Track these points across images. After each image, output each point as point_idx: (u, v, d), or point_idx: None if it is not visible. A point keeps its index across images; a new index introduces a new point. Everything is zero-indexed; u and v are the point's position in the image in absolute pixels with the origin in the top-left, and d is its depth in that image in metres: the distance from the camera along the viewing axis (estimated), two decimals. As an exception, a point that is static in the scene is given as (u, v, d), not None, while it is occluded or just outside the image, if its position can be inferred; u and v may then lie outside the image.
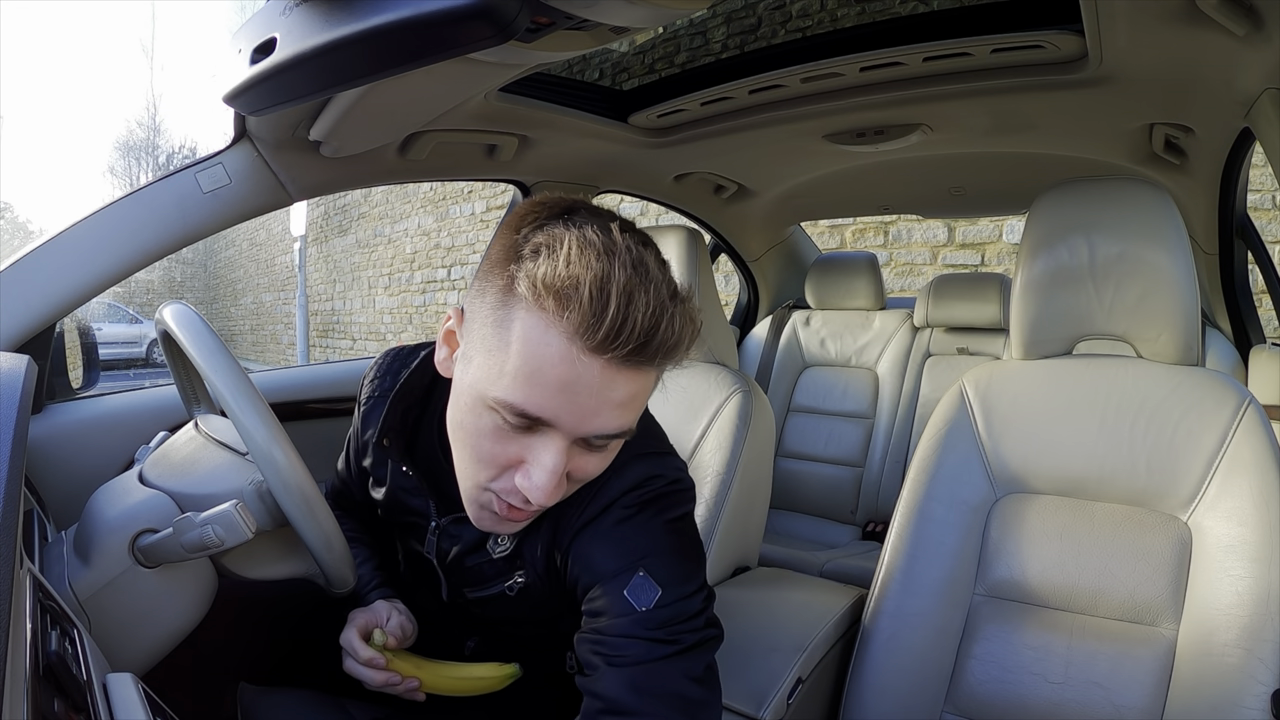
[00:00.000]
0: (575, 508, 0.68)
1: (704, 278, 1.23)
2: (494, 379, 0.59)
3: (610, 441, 0.62)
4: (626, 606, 0.63)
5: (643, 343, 0.55)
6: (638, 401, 0.60)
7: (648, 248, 0.59)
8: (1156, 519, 0.84)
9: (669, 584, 0.64)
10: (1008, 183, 1.76)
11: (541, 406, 0.57)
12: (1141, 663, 0.80)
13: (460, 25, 0.51)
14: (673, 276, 0.60)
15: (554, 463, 0.59)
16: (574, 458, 0.61)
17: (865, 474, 2.05)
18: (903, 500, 0.97)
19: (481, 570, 0.77)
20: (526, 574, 0.74)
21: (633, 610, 0.63)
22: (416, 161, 1.22)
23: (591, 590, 0.67)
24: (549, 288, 0.54)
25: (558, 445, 0.59)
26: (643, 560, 0.65)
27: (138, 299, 17.41)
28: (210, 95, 16.21)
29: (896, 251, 3.96)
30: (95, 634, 0.64)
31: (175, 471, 0.78)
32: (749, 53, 1.19)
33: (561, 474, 0.60)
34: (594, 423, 0.58)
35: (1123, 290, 0.90)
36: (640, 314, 0.54)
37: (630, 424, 0.61)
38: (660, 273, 0.58)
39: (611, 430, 0.60)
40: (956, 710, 0.88)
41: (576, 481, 0.65)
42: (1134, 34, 0.91)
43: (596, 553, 0.67)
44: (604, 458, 0.64)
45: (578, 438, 0.60)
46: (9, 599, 0.37)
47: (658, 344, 0.56)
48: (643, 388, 0.60)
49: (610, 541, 0.67)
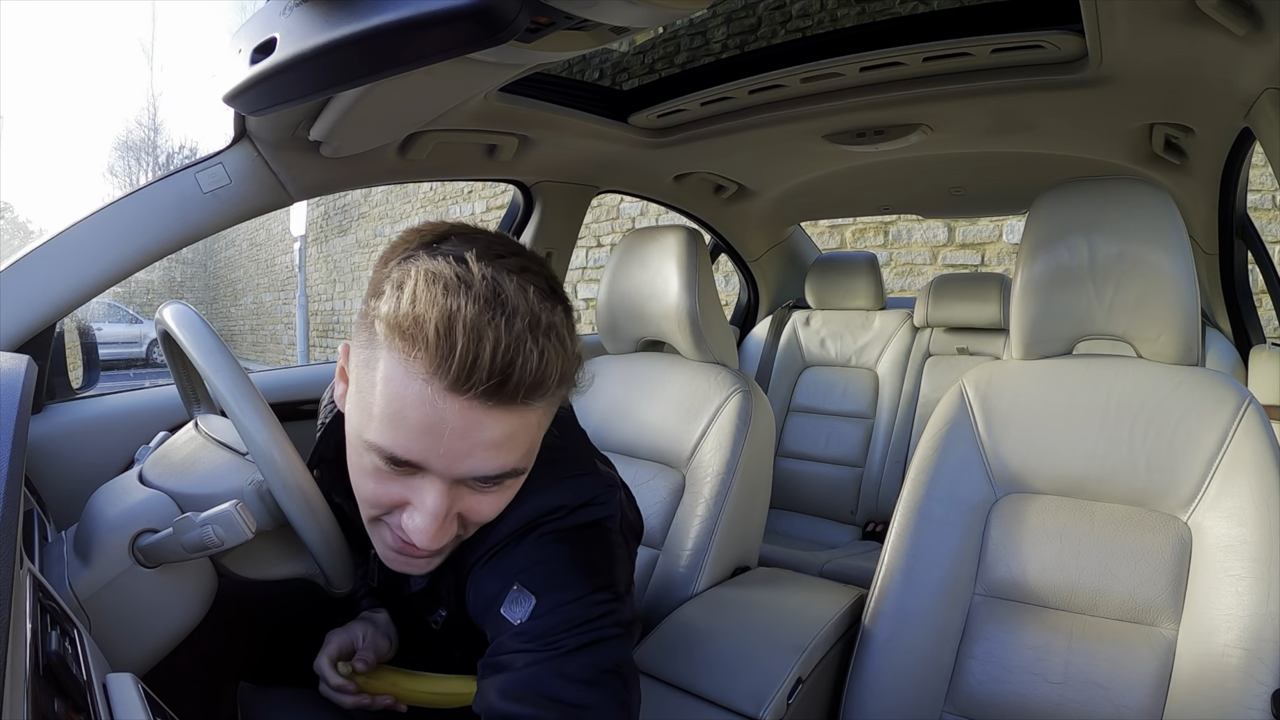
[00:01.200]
0: (472, 545, 0.65)
1: (704, 278, 1.23)
2: (365, 421, 0.57)
3: (500, 481, 0.58)
4: (503, 624, 0.61)
5: (500, 380, 0.51)
6: (517, 440, 0.56)
7: (512, 275, 0.54)
8: (1156, 519, 0.84)
9: (545, 592, 0.61)
10: (1008, 183, 1.77)
11: (408, 449, 0.54)
12: (1141, 663, 0.80)
13: (460, 25, 0.51)
14: (537, 305, 0.54)
15: (434, 505, 0.57)
16: (462, 499, 0.59)
17: (865, 474, 2.05)
18: (903, 500, 0.97)
19: (410, 603, 0.76)
20: (446, 608, 0.72)
21: (509, 625, 0.60)
22: (416, 161, 1.22)
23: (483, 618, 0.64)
24: (395, 327, 0.52)
25: (437, 488, 0.57)
26: (519, 575, 0.62)
27: (138, 299, 17.41)
28: (210, 95, 16.21)
29: (896, 251, 3.96)
30: (95, 634, 0.64)
31: (175, 471, 0.78)
32: (749, 53, 1.19)
33: (444, 516, 0.58)
34: (466, 464, 0.55)
35: (1123, 290, 0.90)
36: (490, 350, 0.50)
37: (513, 464, 0.57)
38: (521, 302, 0.53)
39: (488, 472, 0.56)
40: (956, 710, 0.88)
41: (473, 524, 0.62)
42: (1134, 34, 0.91)
43: (484, 580, 0.65)
44: (498, 497, 0.60)
45: (455, 479, 0.57)
46: (9, 599, 0.37)
47: (516, 381, 0.52)
48: (519, 426, 0.56)
49: (492, 566, 0.64)
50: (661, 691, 0.83)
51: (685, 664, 0.85)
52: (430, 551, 0.62)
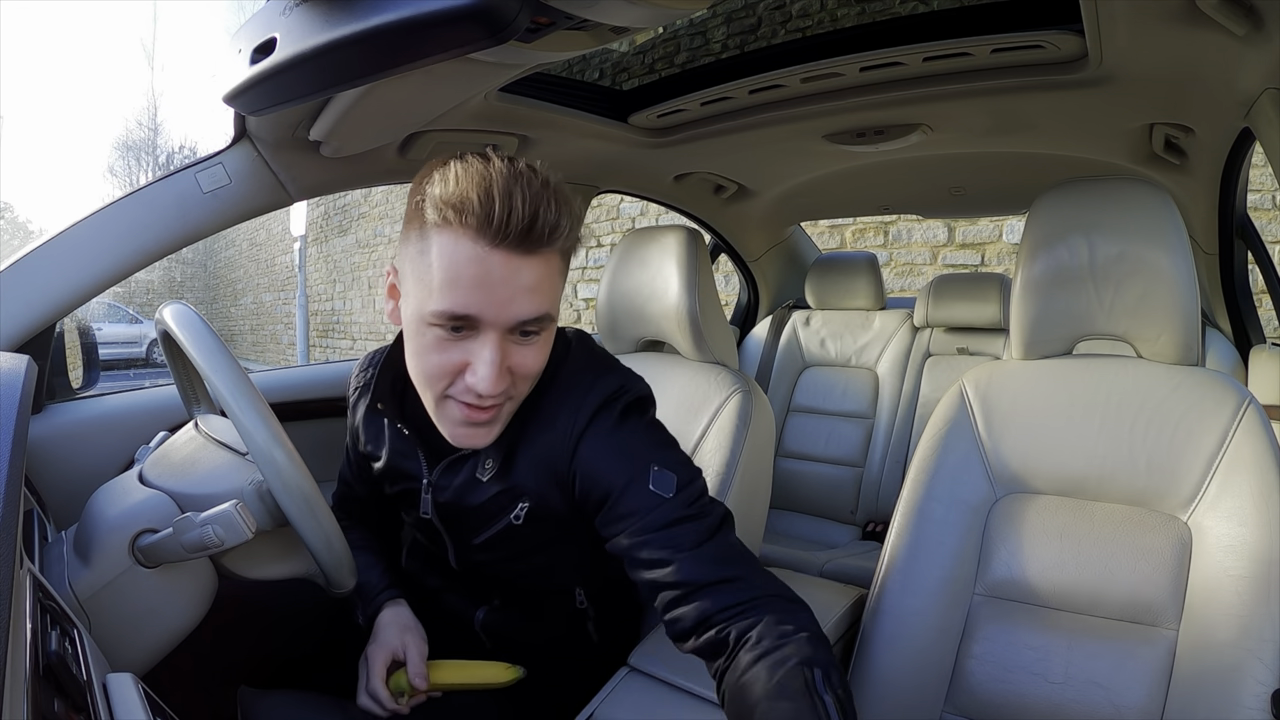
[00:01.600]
0: (563, 421, 0.76)
1: (704, 278, 1.23)
2: (426, 297, 0.68)
3: (536, 331, 0.70)
4: (656, 499, 0.71)
5: (528, 226, 0.64)
6: (545, 286, 0.69)
7: (521, 160, 0.69)
8: (1156, 519, 0.84)
9: (678, 468, 0.74)
10: (1008, 183, 1.76)
11: (466, 304, 0.66)
12: (1141, 663, 0.80)
13: (460, 25, 0.51)
14: (546, 175, 0.68)
15: (492, 354, 0.68)
16: (510, 353, 0.70)
17: (865, 474, 2.05)
18: (903, 500, 0.97)
19: (484, 509, 0.81)
20: (529, 499, 0.79)
21: (663, 499, 0.71)
22: (416, 161, 1.21)
23: (609, 500, 0.74)
24: (447, 203, 0.65)
25: (492, 340, 0.68)
26: (650, 458, 0.74)
27: (138, 299, 17.41)
28: (210, 95, 16.21)
29: (896, 251, 3.96)
30: (95, 634, 0.64)
31: (175, 471, 0.78)
32: (749, 53, 1.19)
33: (501, 365, 0.69)
34: (511, 309, 0.67)
35: (1123, 290, 0.90)
36: (519, 204, 0.64)
37: (545, 309, 0.69)
38: (530, 172, 0.67)
39: (530, 314, 0.68)
40: (956, 710, 0.88)
41: (523, 377, 0.73)
42: (1134, 34, 0.91)
43: (603, 465, 0.75)
44: (538, 350, 0.72)
45: (505, 329, 0.68)
46: (9, 599, 0.37)
47: (540, 226, 0.65)
48: (546, 272, 0.68)
49: (613, 453, 0.75)
50: (661, 691, 0.83)
51: (685, 664, 0.84)
52: (492, 406, 0.72)
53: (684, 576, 0.68)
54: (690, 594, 0.68)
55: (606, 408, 0.77)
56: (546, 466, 0.77)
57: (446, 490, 0.83)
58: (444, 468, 0.83)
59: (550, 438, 0.77)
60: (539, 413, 0.78)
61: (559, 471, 0.77)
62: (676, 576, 0.69)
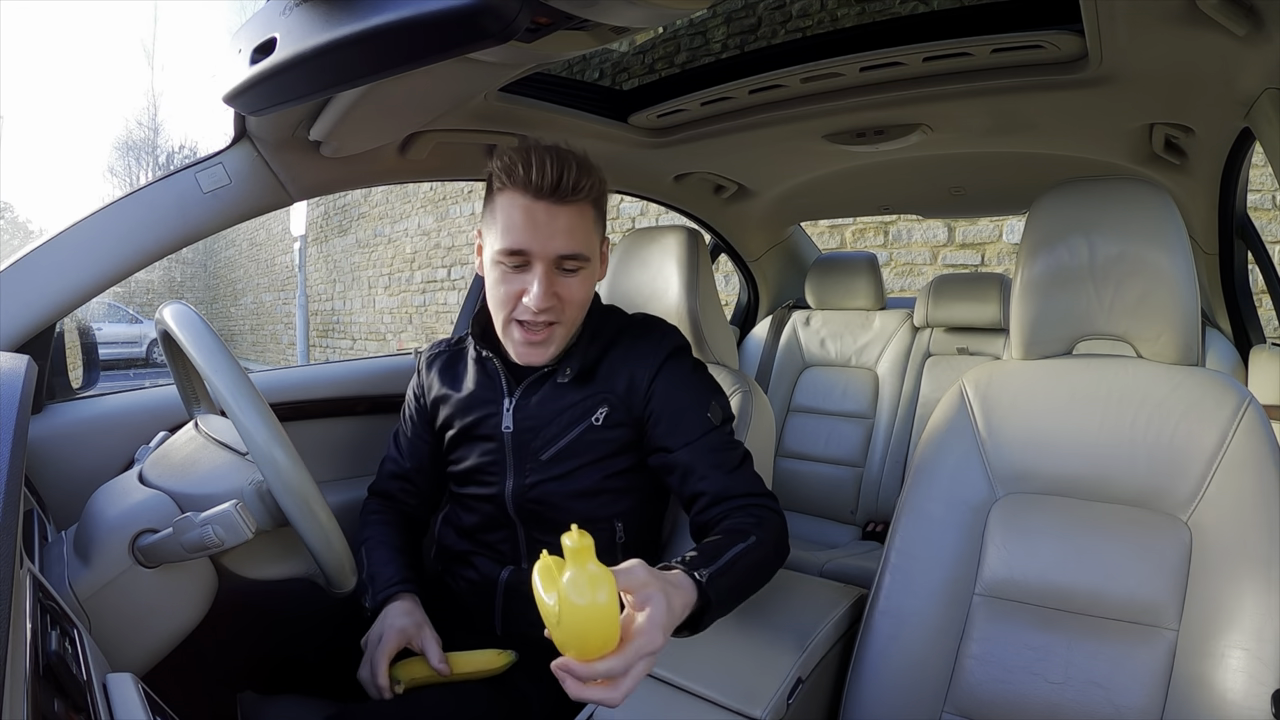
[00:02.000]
0: (648, 351, 0.99)
1: (704, 278, 1.23)
2: (494, 241, 0.92)
3: (575, 269, 0.92)
4: (709, 424, 0.95)
5: (556, 181, 0.87)
6: (579, 228, 0.91)
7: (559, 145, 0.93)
8: (1156, 519, 0.84)
9: (726, 408, 0.99)
10: (1008, 183, 1.76)
11: (519, 240, 0.89)
12: (1141, 663, 0.80)
13: (460, 25, 0.51)
14: (575, 150, 0.92)
15: (541, 277, 0.90)
16: (555, 282, 0.91)
17: (865, 474, 2.05)
18: (903, 500, 0.97)
19: (563, 417, 0.98)
20: (609, 404, 0.98)
21: (714, 427, 0.95)
22: (416, 161, 1.22)
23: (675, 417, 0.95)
24: (503, 170, 0.90)
25: (540, 270, 0.90)
26: (710, 395, 0.98)
27: (138, 299, 17.41)
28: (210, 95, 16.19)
29: (896, 251, 3.96)
30: (95, 634, 0.64)
31: (175, 471, 0.78)
32: (749, 53, 1.19)
33: (548, 289, 0.90)
34: (553, 244, 0.89)
35: (1123, 290, 0.90)
36: (550, 168, 0.87)
37: (579, 248, 0.91)
38: (559, 147, 0.91)
39: (566, 250, 0.90)
40: (956, 710, 0.88)
41: (568, 303, 0.94)
42: (1134, 34, 0.91)
43: (676, 390, 0.97)
44: (579, 282, 0.94)
45: (549, 261, 0.90)
46: (9, 599, 0.37)
47: (565, 183, 0.88)
48: (579, 218, 0.91)
49: (685, 383, 0.98)
50: (661, 691, 0.83)
51: (685, 664, 0.85)
52: (545, 327, 0.93)
53: (720, 489, 0.91)
54: (719, 502, 0.91)
55: (683, 350, 1.01)
56: (628, 380, 0.98)
57: (527, 405, 0.99)
58: (526, 386, 1.00)
59: (635, 360, 0.98)
60: (618, 346, 1.00)
61: (638, 387, 0.97)
62: (714, 488, 0.91)
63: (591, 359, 0.99)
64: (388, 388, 1.41)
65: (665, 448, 0.95)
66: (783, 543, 0.91)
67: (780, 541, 0.90)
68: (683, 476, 0.94)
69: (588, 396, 0.98)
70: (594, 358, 0.99)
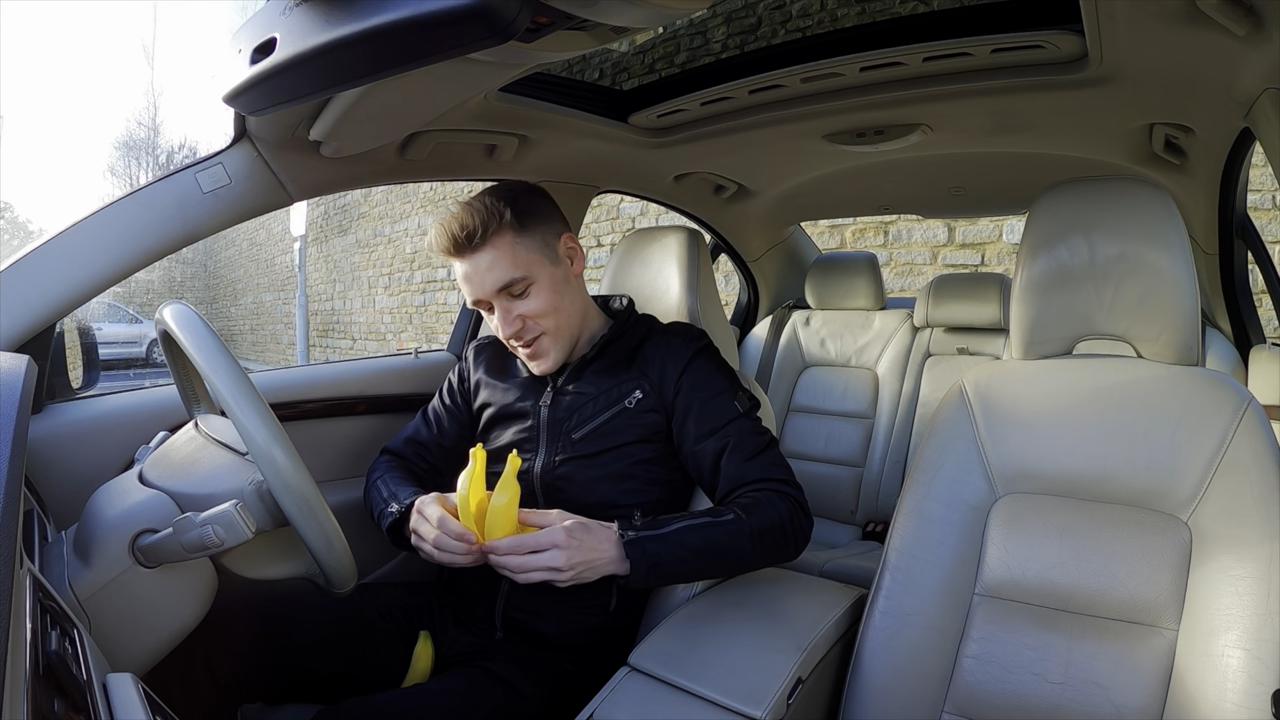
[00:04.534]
0: (680, 346, 1.06)
1: (704, 278, 1.23)
2: None
3: (520, 288, 1.01)
4: (735, 410, 1.01)
5: (456, 239, 0.99)
6: (500, 261, 0.99)
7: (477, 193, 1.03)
8: (1156, 519, 0.84)
9: (751, 399, 1.05)
10: (1008, 183, 1.76)
11: (469, 293, 1.02)
12: (1141, 663, 0.80)
13: (460, 25, 0.51)
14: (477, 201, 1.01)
15: (501, 313, 1.02)
16: (513, 307, 1.01)
17: (865, 474, 2.05)
18: (903, 500, 0.97)
19: (601, 398, 1.04)
20: (643, 388, 1.04)
21: (739, 414, 1.01)
22: (416, 161, 1.22)
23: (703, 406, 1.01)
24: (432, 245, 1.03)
25: (496, 306, 1.02)
26: (734, 386, 1.04)
27: (138, 299, 17.40)
28: (210, 95, 16.16)
29: (896, 251, 3.96)
30: (95, 634, 0.64)
31: (175, 471, 0.78)
32: (749, 53, 1.19)
33: (509, 318, 1.01)
34: (488, 283, 1.00)
35: (1123, 290, 0.90)
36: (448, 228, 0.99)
37: (509, 274, 0.99)
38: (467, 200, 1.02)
39: (499, 284, 1.00)
40: (956, 710, 0.88)
41: (536, 315, 1.02)
42: (1134, 34, 0.91)
43: (704, 381, 1.03)
44: (535, 299, 1.01)
45: (496, 296, 1.00)
46: (9, 599, 0.37)
47: (462, 237, 0.98)
48: (496, 254, 0.99)
49: (712, 375, 1.04)
50: (661, 691, 0.83)
51: (685, 664, 0.84)
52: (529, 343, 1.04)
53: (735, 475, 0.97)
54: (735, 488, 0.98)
55: (711, 347, 1.09)
56: (660, 369, 1.04)
57: (567, 390, 1.06)
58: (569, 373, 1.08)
59: (667, 352, 1.05)
60: (651, 340, 1.08)
61: (670, 377, 1.03)
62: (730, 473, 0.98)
63: (628, 347, 1.08)
64: (387, 388, 1.41)
65: (692, 435, 1.01)
66: (782, 526, 0.94)
67: (777, 524, 0.93)
68: (706, 464, 1.00)
69: (624, 381, 1.05)
70: (631, 346, 1.08)
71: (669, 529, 0.89)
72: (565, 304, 1.04)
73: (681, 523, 0.90)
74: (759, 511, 0.93)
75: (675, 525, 0.89)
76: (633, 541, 0.86)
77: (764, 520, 0.92)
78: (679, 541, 0.88)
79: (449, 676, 0.95)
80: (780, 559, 0.98)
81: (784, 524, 0.94)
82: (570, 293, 1.06)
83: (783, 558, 0.97)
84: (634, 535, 0.86)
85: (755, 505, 0.93)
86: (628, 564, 0.86)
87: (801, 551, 0.98)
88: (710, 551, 0.90)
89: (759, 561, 0.96)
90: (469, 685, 0.92)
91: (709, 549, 0.90)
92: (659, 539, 0.87)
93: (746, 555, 0.94)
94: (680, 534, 0.88)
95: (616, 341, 1.08)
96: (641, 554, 0.86)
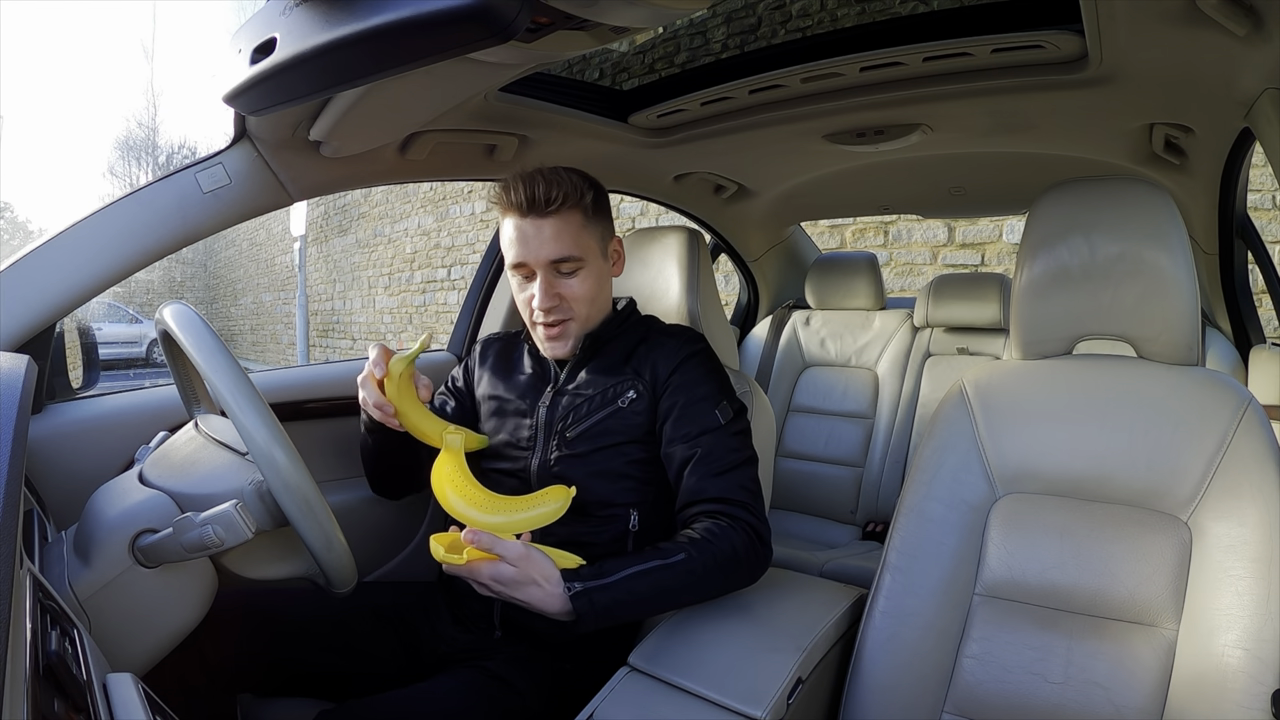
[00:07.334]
0: (673, 347, 1.06)
1: (705, 278, 1.23)
2: (507, 258, 1.03)
3: (571, 268, 1.01)
4: (714, 421, 1.00)
5: (529, 200, 0.98)
6: (564, 234, 0.99)
7: None
8: (1156, 519, 0.84)
9: (736, 407, 1.04)
10: (1008, 183, 1.76)
11: (516, 254, 1.01)
12: (1141, 663, 0.80)
13: (460, 25, 0.51)
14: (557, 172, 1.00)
15: (542, 282, 1.01)
16: (556, 284, 1.02)
17: (865, 474, 2.05)
18: (903, 500, 0.97)
19: (599, 397, 1.04)
20: (637, 388, 1.04)
21: (717, 425, 0.99)
22: (416, 161, 1.22)
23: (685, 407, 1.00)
24: (496, 197, 1.02)
25: (540, 276, 1.01)
26: (722, 393, 1.03)
27: (138, 299, 17.40)
28: (210, 95, 16.16)
29: (896, 251, 3.96)
30: (95, 634, 0.64)
31: (175, 471, 0.78)
32: (749, 53, 1.19)
33: (549, 291, 1.01)
34: (544, 251, 0.99)
35: (1123, 290, 0.90)
36: (525, 189, 0.98)
37: (569, 250, 1.00)
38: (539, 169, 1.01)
39: (558, 255, 1.00)
40: (956, 710, 0.88)
41: (573, 300, 1.03)
42: (1134, 34, 0.91)
43: (691, 382, 1.02)
44: (579, 281, 1.02)
45: (545, 266, 1.00)
46: (9, 599, 0.37)
47: (541, 198, 0.98)
48: (563, 225, 0.99)
49: (701, 377, 1.03)
50: (661, 691, 0.83)
51: (685, 664, 0.85)
52: (556, 324, 1.03)
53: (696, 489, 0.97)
54: (692, 503, 0.97)
55: (708, 351, 1.08)
56: (652, 369, 1.04)
57: (567, 389, 1.07)
58: (569, 370, 1.08)
59: (661, 352, 1.05)
60: (649, 340, 1.08)
61: (660, 376, 1.03)
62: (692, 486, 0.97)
63: (626, 346, 1.08)
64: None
65: (667, 438, 1.01)
66: (735, 558, 0.92)
67: (730, 557, 0.92)
68: (673, 471, 1.00)
69: (620, 381, 1.05)
70: (628, 346, 1.08)
71: (616, 577, 0.87)
72: (599, 298, 1.06)
73: (630, 569, 0.88)
74: (711, 546, 0.91)
75: (623, 573, 0.88)
76: (579, 594, 0.85)
77: (716, 555, 0.91)
78: (627, 590, 0.87)
79: (448, 676, 0.94)
80: (737, 588, 0.97)
81: (737, 556, 0.92)
82: (606, 290, 1.09)
83: (739, 586, 0.97)
84: (580, 588, 0.85)
85: (708, 538, 0.92)
86: (575, 616, 0.85)
87: (758, 578, 0.98)
88: (659, 595, 0.89)
89: (715, 593, 0.95)
90: (468, 685, 0.92)
91: (657, 594, 0.89)
92: (606, 588, 0.86)
93: (701, 592, 0.93)
94: (628, 581, 0.87)
95: (613, 340, 1.08)
96: (589, 605, 0.85)
